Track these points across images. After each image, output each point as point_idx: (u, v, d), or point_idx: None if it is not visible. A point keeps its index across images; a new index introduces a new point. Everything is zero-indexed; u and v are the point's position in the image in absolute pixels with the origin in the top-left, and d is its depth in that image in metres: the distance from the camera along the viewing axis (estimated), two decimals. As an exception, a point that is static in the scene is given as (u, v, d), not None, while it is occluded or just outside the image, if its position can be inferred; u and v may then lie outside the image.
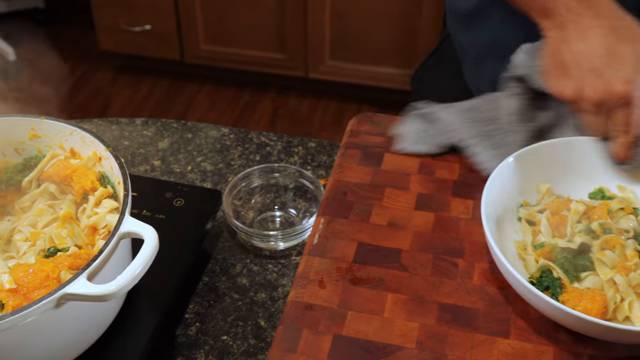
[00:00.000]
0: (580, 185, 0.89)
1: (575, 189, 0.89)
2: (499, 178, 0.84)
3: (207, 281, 0.93)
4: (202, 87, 3.06)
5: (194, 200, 0.94)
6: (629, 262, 0.78)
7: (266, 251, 0.96)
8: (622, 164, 0.87)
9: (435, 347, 0.75)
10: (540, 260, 0.80)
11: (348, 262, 0.83)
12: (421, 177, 0.93)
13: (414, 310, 0.78)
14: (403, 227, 0.87)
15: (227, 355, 0.85)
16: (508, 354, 0.75)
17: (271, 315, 0.89)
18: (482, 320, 0.78)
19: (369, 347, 0.75)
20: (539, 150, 0.87)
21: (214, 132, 1.14)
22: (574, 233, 0.81)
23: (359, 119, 1.02)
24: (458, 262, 0.83)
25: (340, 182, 0.92)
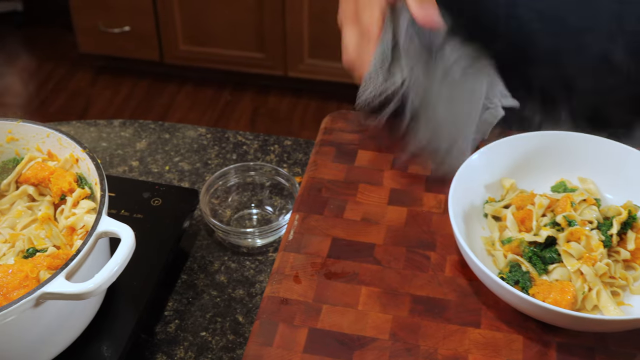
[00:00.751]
0: (542, 179, 0.91)
1: (538, 183, 0.91)
2: (464, 175, 0.86)
3: (186, 279, 0.94)
4: (182, 88, 3.08)
5: (171, 199, 0.96)
6: (594, 253, 0.80)
7: (244, 248, 0.97)
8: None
9: (408, 338, 0.77)
10: (508, 255, 0.82)
11: (323, 257, 0.85)
12: (394, 173, 0.95)
13: (387, 303, 0.80)
14: (376, 222, 0.89)
15: (206, 350, 0.86)
16: (479, 343, 0.77)
17: (249, 311, 0.90)
18: (454, 311, 0.80)
19: (344, 340, 0.77)
20: (501, 146, 0.89)
21: (191, 132, 1.15)
22: (540, 227, 0.83)
23: (332, 116, 1.04)
24: (430, 255, 0.85)
25: (315, 179, 0.94)
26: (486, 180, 0.89)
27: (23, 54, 3.26)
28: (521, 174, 0.91)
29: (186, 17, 2.86)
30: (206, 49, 2.94)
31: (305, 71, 2.91)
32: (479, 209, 0.88)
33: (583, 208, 0.85)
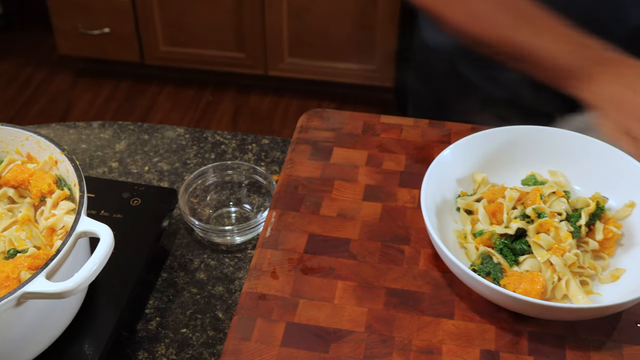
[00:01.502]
0: (513, 173, 0.93)
1: (509, 176, 0.93)
2: (436, 170, 0.88)
3: (166, 277, 0.96)
4: (163, 88, 3.08)
5: (150, 199, 0.97)
6: (563, 243, 0.82)
7: (223, 246, 0.99)
8: None
9: (383, 330, 0.79)
10: (480, 248, 0.84)
11: (299, 252, 0.86)
12: (369, 169, 0.97)
13: (363, 296, 0.82)
14: (352, 217, 0.90)
15: (187, 347, 0.88)
16: (452, 333, 0.79)
17: (228, 307, 0.92)
18: (428, 303, 0.82)
19: (320, 333, 0.79)
20: (473, 141, 0.91)
21: (169, 132, 1.17)
22: (510, 219, 0.85)
23: (308, 115, 1.05)
24: (404, 249, 0.87)
25: (292, 176, 0.96)
26: (458, 174, 0.91)
27: (2, 58, 3.26)
28: (493, 168, 0.93)
29: (166, 17, 2.87)
30: (186, 50, 2.95)
31: (286, 70, 2.93)
32: (451, 203, 0.90)
33: (552, 200, 0.87)
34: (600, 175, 0.91)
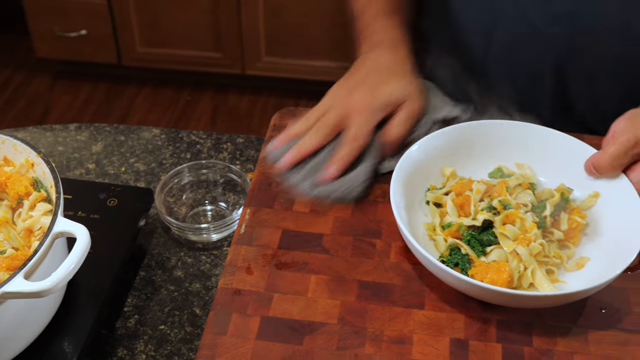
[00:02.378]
0: (481, 166, 0.96)
1: (477, 170, 0.95)
2: (405, 165, 0.90)
3: (144, 275, 0.97)
4: (141, 90, 3.09)
5: (126, 199, 0.99)
6: (528, 234, 0.84)
7: (199, 244, 1.01)
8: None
9: (356, 321, 0.81)
10: (448, 239, 0.86)
11: (273, 248, 0.88)
12: (341, 166, 0.99)
13: (336, 289, 0.84)
14: (324, 213, 0.93)
15: (165, 343, 0.90)
16: (423, 323, 0.81)
17: (205, 304, 0.94)
18: (399, 294, 0.84)
19: (294, 326, 0.81)
20: (440, 136, 0.94)
21: (145, 133, 1.18)
22: (477, 211, 0.88)
23: (281, 113, 1.07)
24: (376, 242, 0.89)
25: (265, 174, 0.98)
26: (427, 168, 0.94)
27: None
28: (461, 162, 0.95)
29: (142, 19, 2.87)
30: (164, 50, 2.96)
31: (263, 69, 2.94)
32: (421, 196, 0.93)
33: (518, 192, 0.90)
34: (565, 167, 0.94)
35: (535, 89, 1.13)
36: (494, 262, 0.83)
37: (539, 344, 0.80)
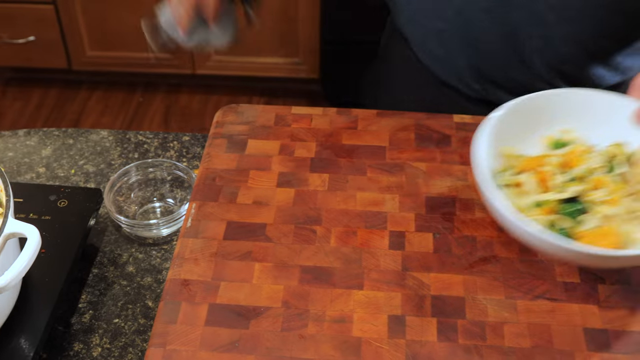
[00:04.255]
0: (529, 142, 0.95)
1: (532, 148, 0.95)
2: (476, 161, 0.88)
3: (97, 272, 1.01)
4: (93, 93, 3.10)
5: (76, 200, 1.02)
6: (618, 193, 0.86)
7: (150, 239, 1.04)
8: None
9: (299, 304, 0.86)
10: (545, 218, 0.86)
11: (219, 239, 0.93)
12: (282, 158, 1.03)
13: (279, 275, 0.89)
14: (267, 203, 0.97)
15: (120, 335, 0.94)
16: (362, 302, 0.86)
17: (157, 296, 0.98)
18: (339, 277, 0.89)
19: (241, 311, 0.85)
20: (498, 118, 0.93)
21: (93, 135, 1.21)
22: (561, 185, 0.88)
23: (223, 110, 1.12)
24: (316, 229, 0.94)
25: (209, 169, 1.02)
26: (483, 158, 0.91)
27: None
28: (512, 141, 0.94)
29: (90, 23, 2.89)
30: (114, 53, 2.98)
31: (213, 67, 2.97)
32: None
33: (588, 157, 0.90)
34: (606, 125, 0.95)
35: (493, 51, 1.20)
36: (598, 228, 0.84)
37: (472, 316, 0.85)
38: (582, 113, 0.97)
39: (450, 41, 1.22)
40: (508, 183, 0.91)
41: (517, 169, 0.92)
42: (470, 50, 1.21)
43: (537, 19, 1.13)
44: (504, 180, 0.91)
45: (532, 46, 1.17)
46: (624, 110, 0.95)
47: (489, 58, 1.21)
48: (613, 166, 0.91)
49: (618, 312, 0.86)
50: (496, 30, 1.16)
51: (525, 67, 1.20)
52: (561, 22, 1.13)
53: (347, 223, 0.95)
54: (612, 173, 0.90)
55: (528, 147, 0.95)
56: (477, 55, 1.21)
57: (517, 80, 1.22)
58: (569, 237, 0.84)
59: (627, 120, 0.95)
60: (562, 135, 0.97)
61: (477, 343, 0.83)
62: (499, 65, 1.22)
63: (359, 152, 1.04)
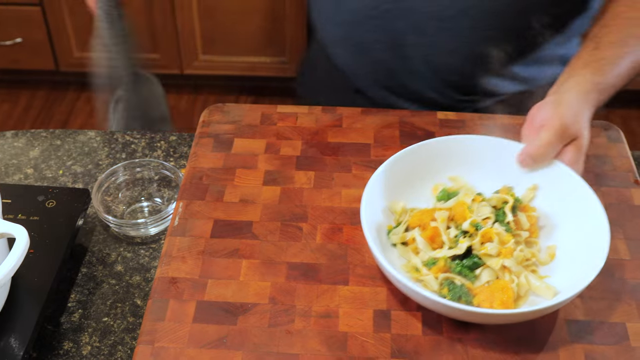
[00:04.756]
0: (417, 192, 0.97)
1: (419, 197, 0.97)
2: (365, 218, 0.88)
3: (86, 272, 1.02)
4: (81, 94, 3.10)
5: (64, 200, 1.03)
6: (507, 245, 0.87)
7: (138, 239, 1.05)
8: None
9: (286, 300, 0.87)
10: (439, 276, 0.87)
11: (206, 237, 0.94)
12: (268, 156, 1.04)
13: (266, 272, 0.90)
14: (253, 201, 0.98)
15: (109, 334, 0.94)
16: (348, 298, 0.87)
17: (146, 295, 0.99)
18: (325, 273, 0.90)
19: (228, 308, 0.86)
20: (383, 173, 0.94)
21: (81, 136, 1.22)
22: (451, 240, 0.89)
23: (210, 110, 1.13)
24: (302, 226, 0.95)
25: (196, 168, 1.03)
26: (376, 213, 0.93)
27: None
28: (401, 194, 0.96)
29: (77, 24, 2.88)
30: (101, 54, 2.97)
31: (201, 67, 2.98)
32: (383, 240, 0.93)
33: (475, 207, 0.92)
34: (492, 169, 0.97)
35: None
36: (494, 283, 0.85)
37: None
38: (469, 159, 0.98)
39: (348, 47, 1.24)
40: (400, 241, 0.92)
41: (407, 225, 0.92)
42: (365, 57, 1.23)
43: (419, 28, 1.15)
44: (396, 239, 0.92)
45: (418, 56, 1.18)
46: (510, 153, 0.97)
47: (382, 66, 1.23)
48: (502, 214, 0.91)
49: (599, 304, 0.88)
50: (384, 39, 1.18)
51: (415, 76, 1.21)
52: (442, 31, 1.14)
53: (333, 220, 0.96)
54: (501, 222, 0.90)
55: (418, 199, 0.96)
56: (371, 62, 1.23)
57: (411, 88, 1.23)
58: (467, 293, 0.85)
59: (514, 164, 0.97)
60: (450, 183, 0.98)
61: (461, 336, 0.84)
62: (391, 73, 1.23)
63: (344, 149, 1.06)
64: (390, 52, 1.19)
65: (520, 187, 0.97)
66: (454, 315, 0.83)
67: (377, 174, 0.93)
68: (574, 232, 0.91)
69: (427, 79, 1.21)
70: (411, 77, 1.21)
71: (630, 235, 0.95)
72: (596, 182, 1.02)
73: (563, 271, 0.88)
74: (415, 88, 1.22)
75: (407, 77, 1.21)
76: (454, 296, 0.85)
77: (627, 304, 0.87)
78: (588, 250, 0.86)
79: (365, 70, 1.25)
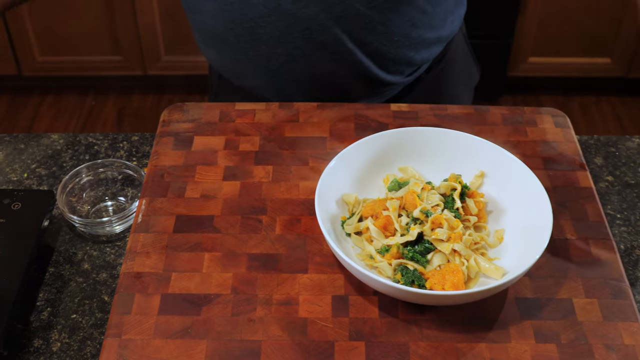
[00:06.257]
0: (371, 183, 1.01)
1: (373, 189, 1.01)
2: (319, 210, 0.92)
3: (53, 271, 1.04)
4: (45, 98, 3.11)
5: (29, 202, 1.06)
6: (456, 230, 0.91)
7: (104, 237, 1.08)
8: None
9: (247, 290, 0.90)
10: (393, 262, 0.91)
11: (169, 233, 0.97)
12: (227, 152, 1.08)
13: (228, 264, 0.93)
14: (214, 196, 1.01)
15: (78, 330, 0.97)
16: (307, 285, 0.91)
17: (113, 291, 1.02)
18: (285, 262, 0.93)
19: (192, 299, 0.89)
20: (335, 166, 0.98)
21: (44, 139, 1.25)
22: (403, 227, 0.93)
23: (169, 110, 1.16)
24: (262, 218, 0.99)
25: (158, 167, 1.06)
26: (330, 205, 0.97)
27: None
28: (355, 185, 1.00)
29: (39, 28, 2.89)
30: (64, 58, 2.98)
31: (164, 68, 3.00)
32: (338, 230, 0.96)
33: (425, 195, 0.96)
34: (440, 158, 1.02)
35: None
36: (444, 266, 0.89)
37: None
38: (418, 149, 1.02)
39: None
40: (355, 231, 0.96)
41: (360, 215, 0.96)
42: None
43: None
44: (351, 228, 0.96)
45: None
46: (458, 143, 1.01)
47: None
48: (451, 201, 0.96)
49: (547, 281, 0.92)
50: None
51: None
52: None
53: (291, 211, 0.99)
54: (450, 208, 0.95)
55: (370, 190, 1.01)
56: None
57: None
58: (420, 277, 0.89)
59: (461, 153, 1.01)
60: (401, 173, 1.02)
61: (416, 318, 0.88)
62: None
63: (301, 143, 1.09)
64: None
65: (468, 174, 1.01)
66: (409, 299, 0.87)
67: (330, 167, 0.96)
68: (520, 215, 0.95)
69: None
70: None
71: (575, 215, 1.00)
72: (544, 166, 1.07)
73: (511, 253, 0.93)
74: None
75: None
76: (407, 280, 0.89)
77: (573, 281, 0.92)
78: (533, 232, 0.91)
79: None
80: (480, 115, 1.15)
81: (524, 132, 1.12)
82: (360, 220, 0.96)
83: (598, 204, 1.01)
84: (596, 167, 1.17)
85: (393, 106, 1.16)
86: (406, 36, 1.20)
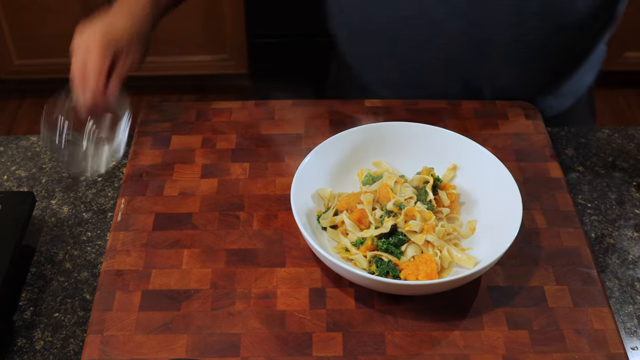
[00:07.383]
0: (349, 179, 1.03)
1: (348, 183, 1.03)
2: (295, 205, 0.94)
3: (35, 271, 1.06)
4: (23, 101, 3.11)
5: (10, 204, 1.07)
6: (429, 222, 0.93)
7: (84, 236, 1.09)
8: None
9: (226, 285, 0.92)
10: (367, 254, 0.93)
11: (148, 230, 0.99)
12: (204, 151, 1.10)
13: (207, 259, 0.95)
14: (192, 194, 1.03)
15: (61, 328, 0.99)
16: (285, 279, 0.93)
17: (94, 289, 1.03)
18: (263, 257, 0.95)
19: (172, 295, 0.91)
20: (310, 161, 1.00)
21: (23, 142, 1.26)
22: (377, 220, 0.95)
23: (147, 109, 1.17)
24: (240, 214, 1.00)
25: (136, 166, 1.08)
26: (304, 201, 0.99)
27: None
28: (330, 180, 1.02)
29: (16, 31, 2.89)
30: (42, 60, 2.98)
31: (144, 69, 3.00)
32: (314, 224, 0.98)
33: (398, 189, 0.98)
34: (411, 151, 1.04)
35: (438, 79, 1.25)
36: (418, 257, 0.92)
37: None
38: (391, 144, 1.05)
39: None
40: (330, 224, 0.98)
41: (335, 209, 0.99)
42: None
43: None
44: (326, 223, 0.98)
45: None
46: (430, 137, 1.04)
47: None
48: (423, 193, 0.98)
49: (518, 270, 0.94)
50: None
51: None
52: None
53: (268, 207, 1.01)
54: (423, 201, 0.97)
55: (345, 184, 1.03)
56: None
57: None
58: (394, 268, 0.91)
59: (434, 146, 1.04)
60: (374, 167, 1.05)
61: (391, 308, 0.90)
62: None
63: (277, 140, 1.11)
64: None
65: (441, 167, 1.03)
66: (384, 289, 0.89)
67: (305, 163, 0.98)
68: (491, 206, 0.98)
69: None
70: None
71: (546, 205, 1.02)
72: (515, 158, 1.09)
73: (483, 243, 0.95)
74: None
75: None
76: (382, 272, 0.91)
77: (544, 269, 0.94)
78: (504, 222, 0.93)
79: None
80: (452, 109, 1.17)
81: (496, 125, 1.14)
82: (336, 214, 0.98)
83: (568, 194, 1.04)
84: (567, 158, 1.20)
85: (367, 102, 1.18)
86: None
